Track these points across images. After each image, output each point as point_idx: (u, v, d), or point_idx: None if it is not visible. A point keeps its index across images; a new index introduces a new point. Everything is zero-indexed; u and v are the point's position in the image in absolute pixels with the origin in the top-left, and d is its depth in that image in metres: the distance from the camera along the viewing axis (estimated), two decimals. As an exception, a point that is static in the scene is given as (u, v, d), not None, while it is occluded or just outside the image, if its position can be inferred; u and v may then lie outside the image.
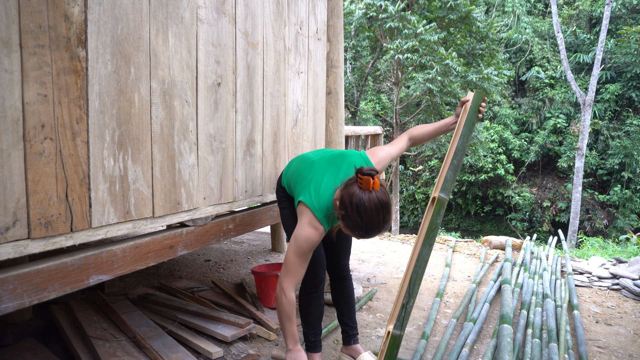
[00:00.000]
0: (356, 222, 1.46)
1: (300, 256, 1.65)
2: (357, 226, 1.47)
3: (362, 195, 1.45)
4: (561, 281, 3.46)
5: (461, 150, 1.74)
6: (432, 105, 10.16)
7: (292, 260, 1.66)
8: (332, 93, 2.93)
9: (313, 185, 1.70)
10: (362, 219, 1.45)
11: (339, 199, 1.53)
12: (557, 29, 11.78)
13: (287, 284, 1.67)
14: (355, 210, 1.45)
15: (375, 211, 1.45)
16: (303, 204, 1.68)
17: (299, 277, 1.69)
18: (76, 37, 1.29)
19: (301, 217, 1.68)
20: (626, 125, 14.32)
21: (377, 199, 1.46)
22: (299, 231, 1.66)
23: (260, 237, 4.81)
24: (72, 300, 2.52)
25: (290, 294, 1.68)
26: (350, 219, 1.47)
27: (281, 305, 1.68)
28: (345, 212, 1.48)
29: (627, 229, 12.94)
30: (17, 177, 1.16)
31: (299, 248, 1.64)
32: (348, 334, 2.10)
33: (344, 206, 1.48)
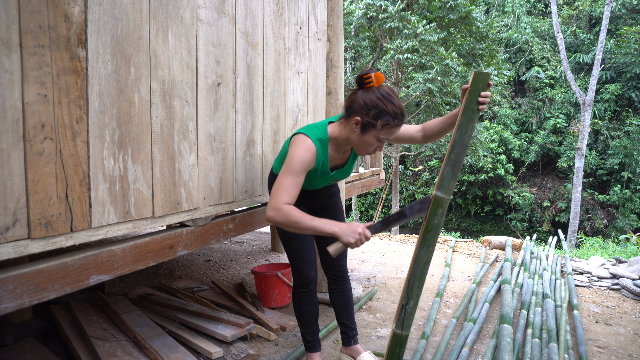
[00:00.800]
0: (392, 110, 1.55)
1: (292, 175, 1.55)
2: (394, 113, 1.55)
3: (380, 88, 1.56)
4: (561, 281, 3.46)
5: (459, 143, 1.53)
6: (432, 105, 10.16)
7: (283, 182, 1.55)
8: (332, 93, 2.93)
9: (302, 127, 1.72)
10: (393, 103, 1.55)
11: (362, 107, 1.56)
12: (557, 29, 11.78)
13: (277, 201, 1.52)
14: (386, 100, 1.54)
15: (396, 95, 1.58)
16: (295, 135, 1.67)
17: (291, 197, 1.54)
18: (76, 37, 1.29)
19: (293, 144, 1.63)
20: (626, 125, 14.33)
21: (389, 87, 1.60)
22: (290, 152, 1.59)
23: (260, 237, 4.81)
24: (72, 300, 2.52)
25: (285, 205, 1.51)
26: (386, 111, 1.54)
27: (285, 217, 1.50)
28: (377, 109, 1.55)
29: (627, 229, 12.94)
30: (17, 177, 1.16)
31: (291, 166, 1.56)
32: (348, 335, 2.10)
33: (373, 104, 1.55)
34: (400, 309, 1.59)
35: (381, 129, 1.57)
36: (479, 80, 1.54)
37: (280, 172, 1.59)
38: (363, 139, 1.61)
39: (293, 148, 1.61)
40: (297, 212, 1.50)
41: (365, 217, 16.84)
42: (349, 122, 1.63)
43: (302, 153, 1.58)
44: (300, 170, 1.57)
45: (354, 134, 1.62)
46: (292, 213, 1.50)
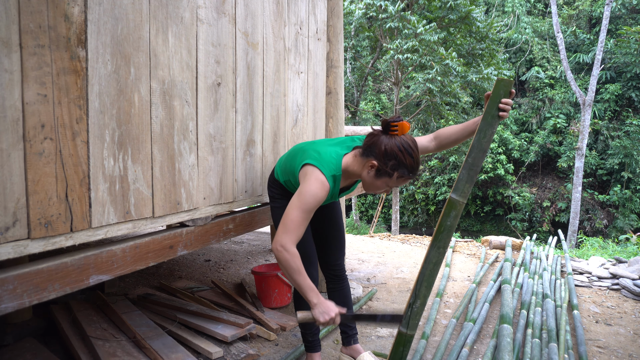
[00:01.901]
0: (410, 163, 1.59)
1: (304, 212, 1.57)
2: (411, 166, 1.60)
3: (403, 139, 1.59)
4: (561, 281, 3.46)
5: (477, 148, 1.55)
6: (432, 105, 10.16)
7: (294, 217, 1.56)
8: (332, 93, 2.93)
9: (317, 151, 1.70)
10: (413, 157, 1.59)
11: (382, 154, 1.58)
12: (557, 29, 11.78)
13: (287, 240, 1.55)
14: (407, 153, 1.58)
15: (417, 148, 1.62)
16: (308, 164, 1.65)
17: (299, 235, 1.58)
18: (76, 37, 1.29)
19: (305, 176, 1.63)
20: (626, 125, 14.33)
21: (412, 138, 1.63)
22: (304, 187, 1.59)
23: (260, 237, 4.81)
24: (72, 300, 2.52)
25: (292, 248, 1.55)
26: (404, 164, 1.58)
27: (285, 261, 1.54)
28: (396, 159, 1.57)
29: (626, 229, 12.94)
30: (17, 177, 1.16)
31: (304, 203, 1.56)
32: (347, 335, 2.09)
33: (393, 155, 1.57)
34: (407, 308, 1.59)
35: (395, 179, 1.61)
36: (501, 87, 1.57)
37: (293, 205, 1.58)
38: (375, 182, 1.64)
39: (308, 184, 1.60)
40: (298, 263, 1.55)
41: (366, 217, 16.84)
42: (365, 161, 1.64)
43: (317, 191, 1.59)
44: (313, 208, 1.60)
45: (367, 174, 1.65)
46: (294, 261, 1.54)
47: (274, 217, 1.95)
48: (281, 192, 1.93)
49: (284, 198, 1.91)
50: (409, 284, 3.48)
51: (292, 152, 1.84)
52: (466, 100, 11.32)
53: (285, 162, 1.86)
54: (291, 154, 1.84)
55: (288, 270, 1.55)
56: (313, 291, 1.57)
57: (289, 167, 1.81)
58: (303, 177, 1.64)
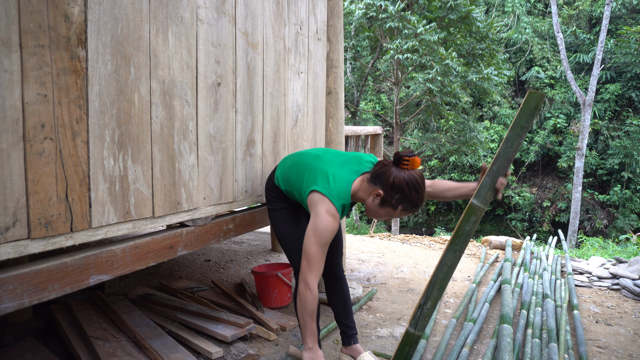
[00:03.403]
0: (415, 199, 1.63)
1: (322, 246, 1.63)
2: (415, 202, 1.63)
3: (412, 174, 1.63)
4: (561, 281, 3.46)
5: (503, 156, 1.55)
6: (432, 105, 10.16)
7: (314, 253, 1.63)
8: (332, 93, 2.93)
9: (325, 175, 1.71)
10: (418, 194, 1.63)
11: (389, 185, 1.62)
12: (557, 29, 11.78)
13: (312, 279, 1.64)
14: (413, 189, 1.62)
15: (424, 184, 1.66)
16: (318, 192, 1.67)
17: (321, 270, 1.67)
18: (76, 37, 1.29)
19: (316, 207, 1.66)
20: (626, 125, 14.32)
21: (421, 174, 1.66)
22: (318, 222, 1.63)
23: (260, 237, 4.81)
24: (72, 300, 2.52)
25: (316, 289, 1.65)
26: (409, 199, 1.62)
27: (306, 301, 1.65)
28: (402, 194, 1.61)
29: (627, 229, 12.94)
30: (17, 177, 1.16)
31: (321, 238, 1.62)
32: (347, 334, 2.09)
33: (400, 188, 1.61)
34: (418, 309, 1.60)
35: (399, 212, 1.66)
36: (533, 99, 1.54)
37: (310, 241, 1.63)
38: (378, 211, 1.69)
39: (321, 218, 1.63)
40: (314, 306, 1.67)
41: (365, 217, 16.83)
42: (372, 189, 1.68)
43: (330, 225, 1.63)
44: (329, 240, 1.65)
45: (371, 201, 1.69)
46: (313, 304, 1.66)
47: (273, 221, 1.97)
48: (279, 196, 1.94)
49: (282, 201, 1.94)
50: (409, 284, 3.48)
51: (298, 165, 1.84)
52: (466, 100, 11.32)
53: (289, 174, 1.86)
54: (296, 167, 1.84)
55: (304, 310, 1.67)
56: (313, 336, 1.72)
57: (293, 182, 1.83)
58: (313, 206, 1.68)
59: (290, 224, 1.95)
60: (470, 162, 13.62)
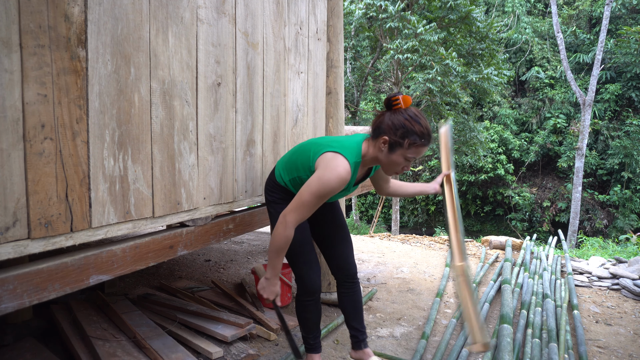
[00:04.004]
0: (419, 129, 1.60)
1: (318, 198, 1.59)
2: (420, 132, 1.60)
3: (408, 110, 1.63)
4: (561, 281, 3.46)
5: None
6: (432, 105, 10.16)
7: (307, 199, 1.60)
8: (332, 93, 2.93)
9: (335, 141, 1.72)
10: (420, 124, 1.61)
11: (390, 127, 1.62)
12: (557, 29, 11.78)
13: (291, 219, 1.63)
14: (414, 121, 1.60)
15: (424, 117, 1.64)
16: (330, 152, 1.65)
17: (304, 217, 1.65)
18: (76, 37, 1.29)
19: (326, 160, 1.62)
20: (626, 125, 14.32)
21: (417, 109, 1.66)
22: (325, 172, 1.58)
23: (260, 237, 4.81)
24: (72, 300, 2.52)
25: (291, 230, 1.64)
26: (413, 131, 1.60)
27: (277, 236, 1.64)
28: (404, 127, 1.60)
29: (627, 229, 12.94)
30: (17, 177, 1.16)
31: (321, 187, 1.57)
32: (358, 339, 2.04)
33: (400, 124, 1.61)
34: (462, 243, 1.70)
35: (408, 147, 1.62)
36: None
37: (310, 187, 1.59)
38: (391, 158, 1.65)
39: (330, 169, 1.59)
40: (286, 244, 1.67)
41: (366, 217, 16.84)
42: (377, 142, 1.66)
43: (338, 179, 1.58)
44: (329, 193, 1.60)
45: (381, 153, 1.66)
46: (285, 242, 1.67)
47: (273, 221, 1.91)
48: (283, 196, 1.88)
49: (286, 202, 1.86)
50: (409, 284, 3.48)
51: (300, 148, 1.83)
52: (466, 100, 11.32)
53: (292, 159, 1.82)
54: (299, 150, 1.83)
55: (273, 244, 1.67)
56: (274, 270, 1.75)
57: (299, 162, 1.78)
58: (323, 163, 1.63)
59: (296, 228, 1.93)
60: (470, 162, 13.62)
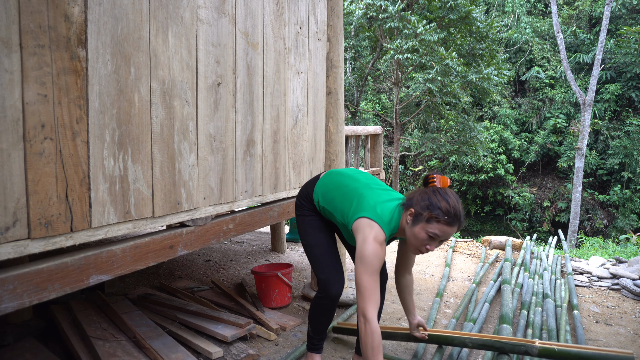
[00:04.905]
0: (445, 206, 1.56)
1: (374, 274, 1.57)
2: (446, 210, 1.56)
3: (442, 188, 1.63)
4: (561, 281, 3.46)
5: None
6: (432, 105, 10.16)
7: (367, 282, 1.56)
8: (332, 93, 2.93)
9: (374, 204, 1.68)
10: (449, 203, 1.57)
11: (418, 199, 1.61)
12: (557, 29, 11.78)
13: (369, 310, 1.54)
14: (441, 197, 1.58)
15: (456, 196, 1.61)
16: (367, 219, 1.63)
17: (377, 299, 1.58)
18: (76, 37, 1.29)
19: (364, 232, 1.61)
20: (626, 125, 14.32)
21: (453, 192, 1.63)
22: (366, 249, 1.57)
23: (260, 237, 4.81)
24: (72, 300, 2.52)
25: (375, 321, 1.54)
26: (437, 206, 1.57)
27: (366, 336, 1.53)
28: (429, 201, 1.59)
29: (627, 229, 12.93)
30: (17, 177, 1.16)
31: (371, 266, 1.56)
32: None
33: (427, 197, 1.59)
34: None
35: (429, 221, 1.57)
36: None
37: (361, 271, 1.57)
38: (413, 231, 1.61)
39: (369, 246, 1.58)
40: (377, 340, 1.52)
41: (365, 217, 16.80)
42: (405, 214, 1.66)
43: (380, 252, 1.59)
44: (379, 267, 1.60)
45: (407, 225, 1.64)
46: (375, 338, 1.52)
47: (301, 228, 1.95)
48: (312, 208, 1.94)
49: (315, 214, 1.94)
50: (409, 284, 3.47)
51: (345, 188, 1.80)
52: (466, 100, 11.32)
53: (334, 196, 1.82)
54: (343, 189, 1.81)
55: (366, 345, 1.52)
56: None
57: (338, 204, 1.79)
58: (360, 231, 1.63)
59: (319, 231, 1.93)
60: (470, 162, 13.61)
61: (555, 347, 1.91)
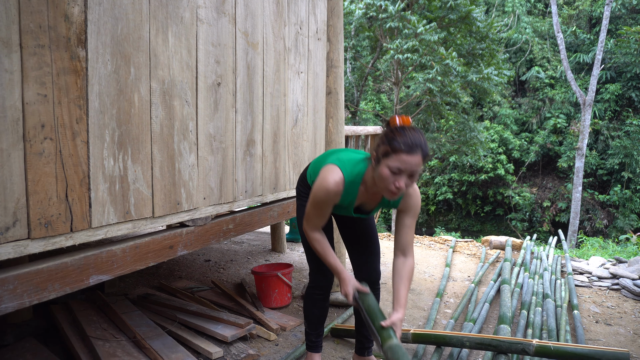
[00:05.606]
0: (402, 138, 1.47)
1: (315, 207, 1.67)
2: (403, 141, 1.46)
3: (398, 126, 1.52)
4: (561, 281, 3.46)
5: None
6: (432, 105, 10.17)
7: (309, 211, 1.71)
8: (332, 93, 2.93)
9: (343, 155, 1.74)
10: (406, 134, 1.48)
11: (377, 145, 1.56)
12: (557, 29, 11.78)
13: (307, 227, 1.74)
14: (399, 130, 1.49)
15: (415, 129, 1.52)
16: (329, 164, 1.68)
17: (317, 223, 1.71)
18: (76, 37, 1.29)
19: (323, 172, 1.66)
20: (626, 125, 14.32)
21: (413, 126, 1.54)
22: (316, 184, 1.65)
23: (260, 237, 4.81)
24: (72, 300, 2.52)
25: (313, 233, 1.72)
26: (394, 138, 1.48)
27: (311, 242, 1.74)
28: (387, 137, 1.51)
29: (627, 229, 12.93)
30: (17, 177, 1.16)
31: (313, 197, 1.66)
32: (364, 345, 2.05)
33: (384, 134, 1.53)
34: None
35: (388, 156, 1.48)
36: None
37: (309, 200, 1.69)
38: (378, 173, 1.53)
39: (320, 179, 1.64)
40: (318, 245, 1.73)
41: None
42: (371, 165, 1.62)
43: (326, 186, 1.61)
44: (323, 202, 1.65)
45: (373, 172, 1.58)
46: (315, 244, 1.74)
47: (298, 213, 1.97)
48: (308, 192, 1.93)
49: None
50: (409, 284, 3.47)
51: (325, 156, 1.86)
52: (466, 100, 11.32)
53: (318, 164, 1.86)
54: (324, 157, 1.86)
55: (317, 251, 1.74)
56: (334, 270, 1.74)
57: (318, 168, 1.80)
58: (320, 175, 1.67)
59: None
60: (470, 162, 13.62)
61: (551, 345, 1.91)
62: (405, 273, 1.71)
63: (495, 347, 2.03)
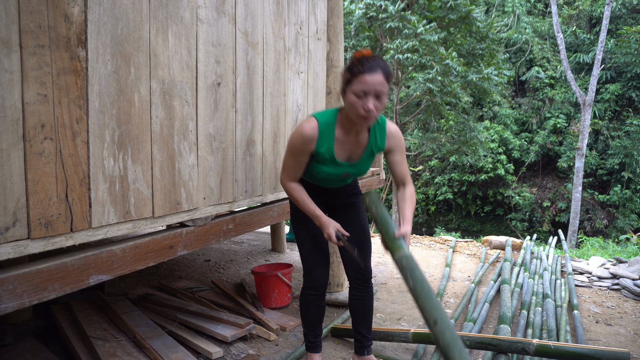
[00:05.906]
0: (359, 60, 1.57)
1: (291, 153, 1.74)
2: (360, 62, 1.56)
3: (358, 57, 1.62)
4: (561, 281, 3.46)
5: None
6: (432, 105, 10.17)
7: (285, 161, 1.79)
8: (332, 93, 2.93)
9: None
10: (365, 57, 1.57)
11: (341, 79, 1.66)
12: (557, 29, 11.78)
13: (285, 179, 1.81)
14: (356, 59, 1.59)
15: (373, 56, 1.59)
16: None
17: (293, 175, 1.78)
18: (76, 37, 1.29)
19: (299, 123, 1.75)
20: (626, 125, 14.32)
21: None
22: (292, 134, 1.74)
23: (260, 237, 4.81)
24: (72, 300, 2.52)
25: (289, 183, 1.79)
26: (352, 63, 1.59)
27: (291, 194, 1.80)
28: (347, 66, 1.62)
29: (627, 229, 12.93)
30: (17, 177, 1.16)
31: (290, 144, 1.73)
32: (362, 345, 2.04)
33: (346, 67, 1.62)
34: None
35: (351, 83, 1.58)
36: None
37: (286, 150, 1.77)
38: (346, 101, 1.63)
39: (296, 128, 1.73)
40: (296, 194, 1.79)
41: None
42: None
43: (297, 135, 1.70)
44: (298, 151, 1.72)
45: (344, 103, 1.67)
46: (292, 193, 1.80)
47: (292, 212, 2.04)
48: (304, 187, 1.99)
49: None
50: (409, 284, 3.47)
51: None
52: (466, 100, 11.31)
53: None
54: None
55: (295, 200, 1.80)
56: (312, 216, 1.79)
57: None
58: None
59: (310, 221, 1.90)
60: (470, 162, 13.61)
61: (551, 345, 1.92)
62: (407, 197, 1.84)
63: (495, 347, 2.03)
